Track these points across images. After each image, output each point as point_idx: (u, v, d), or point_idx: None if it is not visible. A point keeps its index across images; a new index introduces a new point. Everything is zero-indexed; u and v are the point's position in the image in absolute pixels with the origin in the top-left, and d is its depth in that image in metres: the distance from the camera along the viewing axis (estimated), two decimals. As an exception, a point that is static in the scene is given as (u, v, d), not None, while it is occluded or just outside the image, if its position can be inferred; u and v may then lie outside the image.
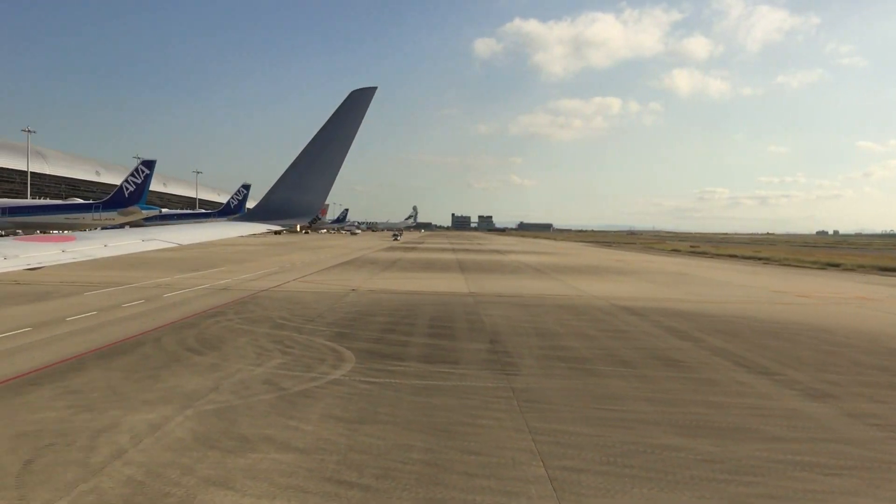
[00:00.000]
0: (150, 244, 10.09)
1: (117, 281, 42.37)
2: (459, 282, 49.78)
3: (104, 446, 12.16)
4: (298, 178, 11.99)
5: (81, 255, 8.81)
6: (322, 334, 24.73)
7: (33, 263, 8.26)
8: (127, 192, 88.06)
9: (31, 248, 8.57)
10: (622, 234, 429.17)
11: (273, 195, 12.44)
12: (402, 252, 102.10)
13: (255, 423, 13.73)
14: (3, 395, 15.47)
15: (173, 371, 18.26)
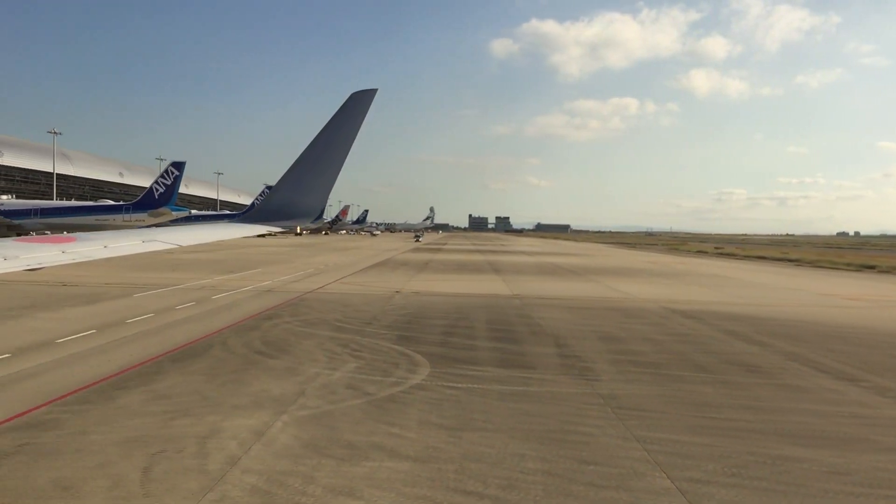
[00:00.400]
0: (151, 245, 10.00)
1: (161, 283, 42.49)
2: (498, 284, 49.47)
3: (215, 453, 12.00)
4: (299, 179, 11.95)
5: (81, 256, 8.77)
6: (385, 337, 24.53)
7: (33, 264, 8.21)
8: (157, 194, 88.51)
9: (31, 248, 8.50)
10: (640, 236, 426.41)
11: (274, 196, 12.40)
12: (429, 254, 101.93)
13: (356, 430, 13.52)
14: (94, 399, 15.39)
15: (253, 375, 18.12)
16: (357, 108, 11.79)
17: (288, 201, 12.02)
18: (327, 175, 11.92)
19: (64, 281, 41.91)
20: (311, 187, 11.91)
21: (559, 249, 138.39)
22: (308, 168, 11.77)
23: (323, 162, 11.78)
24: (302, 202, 11.97)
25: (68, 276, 45.30)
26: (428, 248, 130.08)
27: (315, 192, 11.96)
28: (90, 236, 9.70)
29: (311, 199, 11.98)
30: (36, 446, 12.11)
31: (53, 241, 9.16)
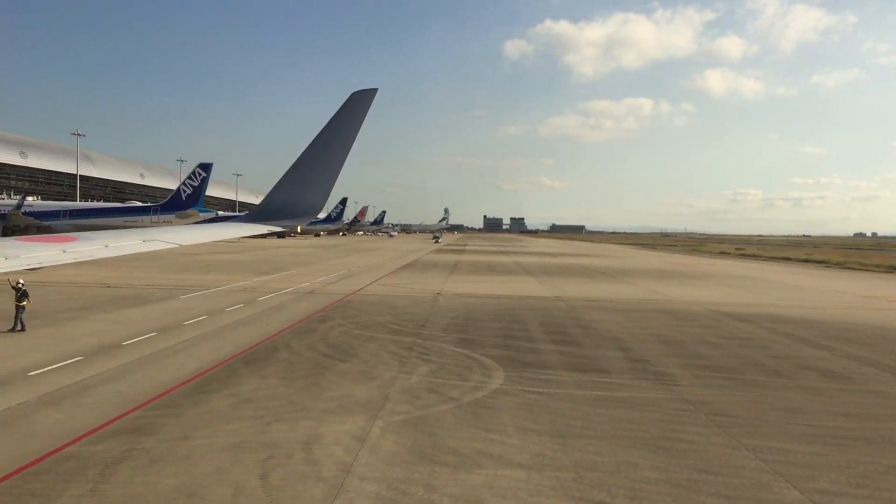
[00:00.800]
0: (151, 245, 9.92)
1: (201, 284, 42.53)
2: (534, 285, 49.16)
3: (325, 459, 11.84)
4: (299, 178, 11.85)
5: (82, 255, 8.70)
6: (445, 340, 24.34)
7: (34, 263, 8.12)
8: (184, 195, 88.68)
9: (31, 248, 8.39)
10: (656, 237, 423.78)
11: (274, 196, 12.31)
12: (453, 255, 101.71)
13: (456, 436, 13.32)
14: (181, 402, 15.30)
15: (329, 379, 17.98)
16: (357, 108, 11.72)
17: (288, 201, 11.96)
18: (327, 175, 11.84)
19: (105, 282, 42.07)
20: (311, 187, 11.82)
21: (579, 251, 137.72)
22: (308, 168, 11.70)
23: (323, 161, 11.72)
24: (302, 202, 11.91)
25: (108, 277, 45.52)
26: (449, 249, 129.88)
27: (315, 191, 11.88)
28: (91, 236, 9.69)
29: (311, 198, 11.90)
30: (142, 452, 12.01)
31: (54, 240, 9.08)
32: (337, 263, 68.95)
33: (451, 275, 57.92)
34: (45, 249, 8.53)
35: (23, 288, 24.19)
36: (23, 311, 24.01)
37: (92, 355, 20.05)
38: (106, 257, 8.95)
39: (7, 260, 7.74)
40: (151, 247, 9.87)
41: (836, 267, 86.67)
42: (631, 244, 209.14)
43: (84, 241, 9.22)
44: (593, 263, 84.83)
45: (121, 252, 9.36)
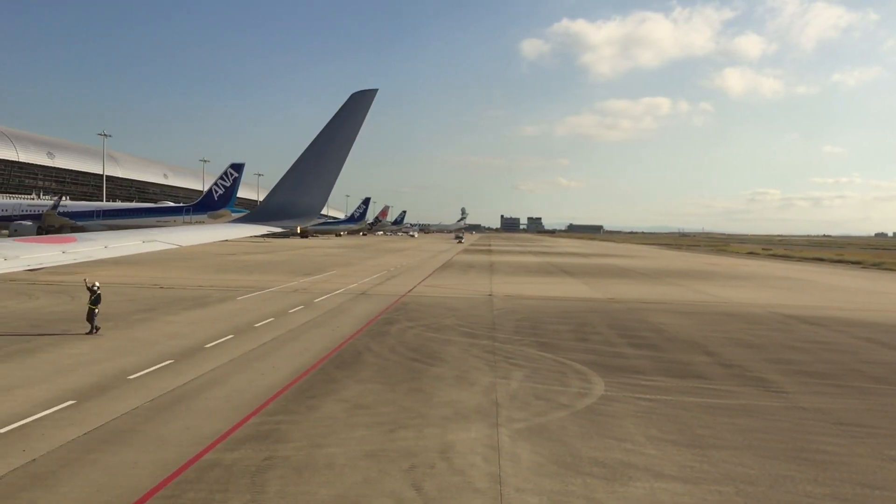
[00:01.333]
0: (151, 245, 9.85)
1: (250, 285, 42.46)
2: (580, 286, 48.68)
3: (470, 469, 11.53)
4: (299, 179, 11.75)
5: (82, 255, 8.67)
6: (523, 343, 24.01)
7: (33, 264, 8.15)
8: (216, 195, 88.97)
9: (31, 248, 8.37)
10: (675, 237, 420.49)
11: (274, 197, 12.21)
12: (482, 255, 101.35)
13: (589, 446, 12.96)
14: (294, 409, 15.06)
15: (429, 384, 17.69)
16: (357, 108, 11.64)
17: (288, 201, 11.88)
18: (327, 175, 11.74)
19: (157, 283, 42.12)
20: (311, 187, 11.76)
21: (605, 251, 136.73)
22: (308, 168, 11.62)
23: (323, 162, 11.63)
24: (302, 202, 11.83)
25: (156, 277, 45.64)
26: (475, 249, 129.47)
27: (315, 192, 11.80)
28: (90, 236, 9.59)
29: (311, 198, 11.83)
30: (282, 460, 11.76)
31: (54, 241, 9.05)
32: (373, 264, 68.81)
33: (491, 276, 57.54)
34: (44, 250, 8.49)
35: (98, 291, 24.10)
36: (96, 314, 23.90)
37: (181, 358, 19.90)
38: (108, 258, 8.91)
39: (6, 261, 7.68)
40: (151, 247, 9.83)
41: (872, 268, 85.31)
42: (653, 244, 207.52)
43: (84, 242, 9.15)
44: (626, 264, 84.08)
45: (120, 253, 9.33)
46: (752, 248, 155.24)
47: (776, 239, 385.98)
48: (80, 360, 19.23)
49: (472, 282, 50.82)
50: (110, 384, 16.64)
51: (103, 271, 49.54)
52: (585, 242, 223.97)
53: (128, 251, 9.49)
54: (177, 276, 47.81)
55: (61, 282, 41.49)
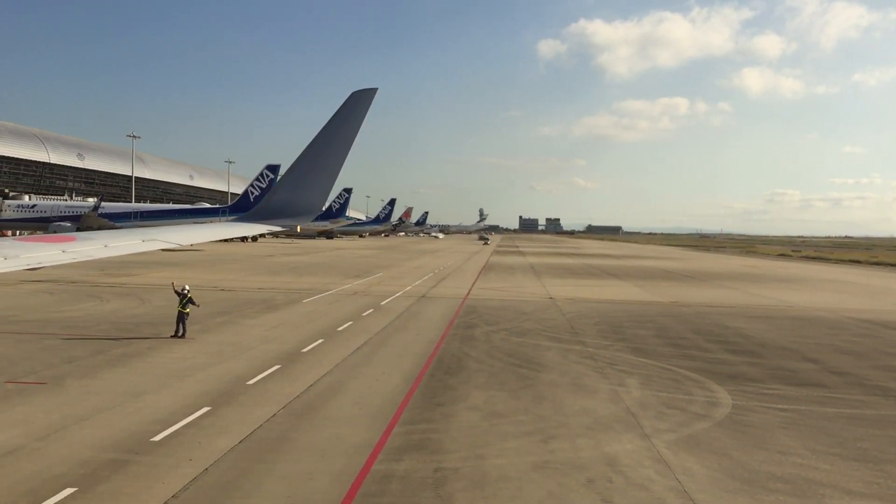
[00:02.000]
0: (151, 245, 9.77)
1: (308, 287, 42.39)
2: (634, 289, 48.16)
3: (650, 484, 11.18)
4: (299, 178, 11.68)
5: (81, 255, 8.62)
6: (615, 349, 23.63)
7: (33, 263, 8.08)
8: (252, 197, 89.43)
9: (31, 248, 8.29)
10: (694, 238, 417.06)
11: (274, 196, 12.13)
12: (517, 257, 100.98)
13: (757, 459, 12.55)
14: (432, 416, 14.78)
15: (548, 391, 17.35)
16: (357, 108, 11.52)
17: (288, 200, 11.78)
18: (327, 174, 11.64)
19: (214, 285, 42.14)
20: (311, 186, 11.65)
21: (633, 252, 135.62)
22: (308, 167, 11.52)
23: (323, 161, 11.53)
24: (302, 201, 11.72)
25: (212, 279, 45.71)
26: (506, 251, 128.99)
27: (315, 191, 11.69)
28: (90, 235, 9.52)
29: (310, 198, 11.71)
30: (453, 472, 11.48)
31: (53, 240, 8.97)
32: (414, 266, 68.67)
33: (539, 278, 57.12)
34: (44, 249, 8.44)
35: (189, 294, 23.98)
36: (187, 318, 23.78)
37: (287, 363, 19.71)
38: (106, 257, 8.85)
39: (6, 260, 7.60)
40: (151, 247, 9.76)
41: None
42: (677, 245, 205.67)
43: (83, 241, 9.09)
44: (664, 265, 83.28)
45: (120, 252, 9.28)
46: (781, 250, 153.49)
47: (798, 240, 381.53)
48: (189, 365, 19.09)
49: (523, 284, 50.45)
50: (234, 390, 16.47)
51: (155, 273, 49.79)
52: (609, 244, 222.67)
53: (128, 250, 9.47)
54: (230, 277, 47.88)
55: (122, 284, 41.63)
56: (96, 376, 17.56)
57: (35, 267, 8.32)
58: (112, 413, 14.23)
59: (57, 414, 14.02)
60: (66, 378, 17.16)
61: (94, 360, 19.35)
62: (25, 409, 14.32)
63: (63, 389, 16.07)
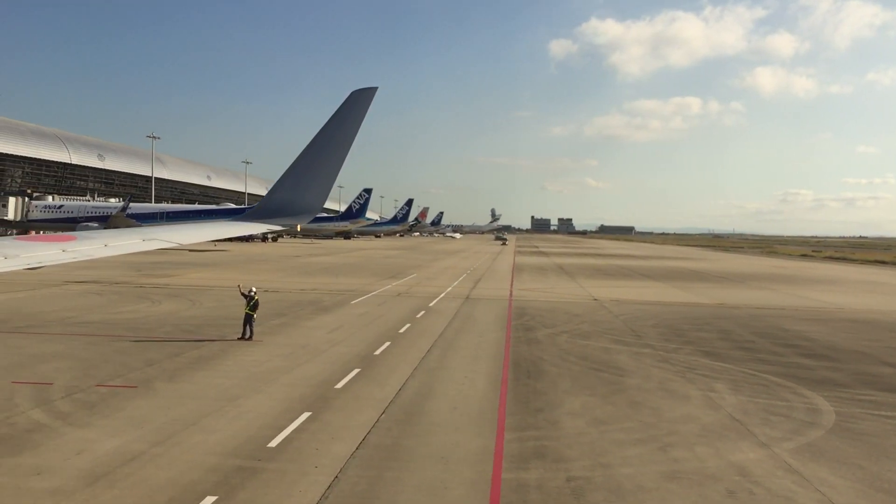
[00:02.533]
0: (151, 244, 9.77)
1: (348, 288, 42.25)
2: (676, 290, 47.68)
3: (795, 496, 10.85)
4: (298, 178, 11.64)
5: (82, 254, 8.62)
6: (685, 352, 23.27)
7: (33, 263, 8.06)
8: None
9: (31, 247, 8.26)
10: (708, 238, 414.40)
11: (273, 195, 12.10)
12: (542, 257, 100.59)
13: (892, 469, 12.19)
14: (538, 424, 14.50)
15: (639, 397, 17.02)
16: (357, 107, 11.48)
17: (288, 200, 11.76)
18: (326, 174, 11.59)
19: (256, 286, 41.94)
20: (310, 186, 11.62)
21: (654, 253, 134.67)
22: (308, 167, 11.47)
23: (322, 160, 11.48)
24: (301, 201, 11.71)
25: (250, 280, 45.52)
26: (527, 251, 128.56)
27: (314, 190, 11.66)
28: (90, 234, 9.51)
29: (310, 197, 11.69)
30: (586, 481, 11.19)
31: (54, 239, 8.95)
32: (444, 267, 68.49)
33: (574, 279, 56.73)
34: (44, 249, 8.40)
35: (255, 297, 23.83)
36: (254, 320, 23.64)
37: (365, 367, 19.48)
38: (106, 256, 8.77)
39: (6, 259, 7.55)
40: (151, 246, 9.76)
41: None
42: (694, 246, 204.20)
43: (84, 241, 9.05)
44: (691, 266, 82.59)
45: (121, 251, 9.26)
46: (801, 251, 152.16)
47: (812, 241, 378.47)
48: (269, 368, 18.91)
49: (560, 285, 50.11)
50: (326, 394, 16.26)
51: (192, 273, 49.82)
52: (626, 244, 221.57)
53: (127, 249, 9.46)
54: (267, 278, 47.74)
55: (165, 284, 41.61)
56: (182, 379, 17.41)
57: (35, 266, 8.28)
58: (217, 418, 14.04)
59: (162, 418, 13.85)
60: (153, 381, 17.01)
61: (172, 363, 19.20)
62: (128, 414, 14.16)
63: (155, 393, 15.91)
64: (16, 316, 26.95)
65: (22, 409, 14.32)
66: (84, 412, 14.22)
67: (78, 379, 16.99)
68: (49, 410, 14.27)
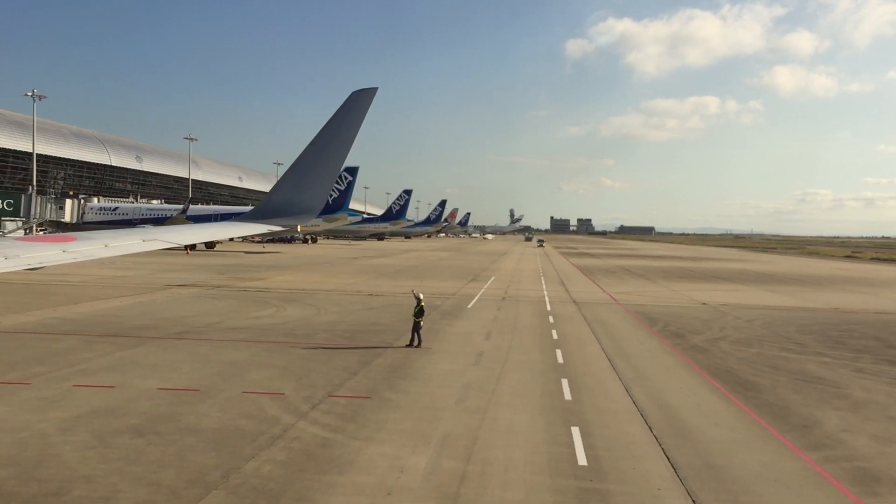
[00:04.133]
0: (151, 245, 9.79)
1: (443, 291, 41.80)
2: (773, 294, 46.80)
3: None
4: (299, 178, 11.60)
5: (82, 255, 8.59)
6: (868, 361, 22.53)
7: (34, 263, 8.06)
8: (331, 199, 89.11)
9: (31, 248, 8.22)
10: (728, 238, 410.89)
11: (273, 195, 12.09)
12: (594, 259, 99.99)
13: None
14: (834, 443, 13.87)
15: (806, 406, 16.35)
16: (357, 107, 11.41)
17: (288, 200, 11.65)
18: (326, 174, 11.60)
19: (348, 289, 41.69)
20: (310, 186, 11.56)
21: (692, 254, 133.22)
22: (308, 167, 11.42)
23: (322, 161, 11.43)
24: (301, 201, 11.60)
25: (338, 283, 45.26)
26: (571, 252, 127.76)
27: (314, 190, 11.59)
28: (91, 235, 9.54)
29: (309, 198, 11.60)
30: None
31: (54, 240, 8.94)
32: (512, 268, 68.35)
33: (655, 281, 55.98)
34: (45, 249, 8.38)
35: (422, 303, 23.32)
36: (421, 327, 23.12)
37: (564, 374, 18.91)
38: (106, 257, 8.86)
39: (7, 260, 7.54)
40: (151, 246, 9.80)
41: None
42: (724, 247, 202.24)
43: (84, 241, 9.03)
44: (750, 268, 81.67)
45: (121, 252, 9.29)
46: (841, 252, 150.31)
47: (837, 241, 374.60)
48: (474, 377, 18.43)
49: (649, 288, 49.45)
50: (565, 406, 15.72)
51: (279, 276, 49.51)
52: (654, 244, 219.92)
53: (128, 250, 9.45)
54: (352, 281, 47.30)
55: (265, 288, 41.27)
56: (401, 389, 16.94)
57: (35, 267, 8.21)
58: (489, 432, 13.51)
59: (434, 431, 13.41)
60: (379, 392, 16.54)
61: (371, 372, 18.75)
62: (397, 427, 13.64)
63: (395, 404, 15.44)
64: (162, 322, 26.63)
65: (285, 421, 13.87)
66: (351, 425, 13.77)
67: (303, 389, 16.54)
68: (315, 422, 13.83)
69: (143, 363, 18.94)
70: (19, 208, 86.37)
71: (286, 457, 11.75)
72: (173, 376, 17.49)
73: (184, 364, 18.97)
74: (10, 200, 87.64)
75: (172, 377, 17.40)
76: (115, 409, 14.39)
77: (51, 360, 18.93)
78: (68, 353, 19.89)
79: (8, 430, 12.81)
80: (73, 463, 11.18)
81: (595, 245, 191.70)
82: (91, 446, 11.97)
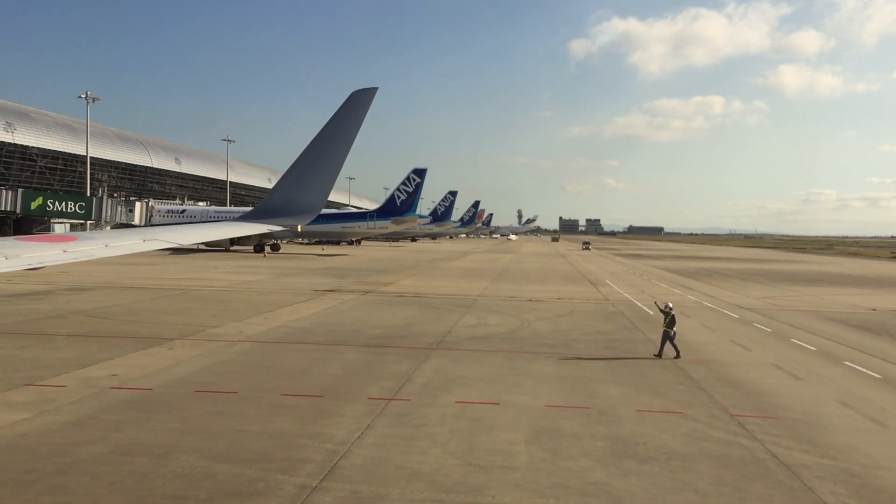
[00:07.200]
0: (151, 244, 9.88)
1: (560, 296, 42.23)
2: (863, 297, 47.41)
3: None
4: (299, 178, 11.73)
5: (83, 255, 8.68)
6: None
7: (34, 263, 8.12)
8: (398, 201, 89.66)
9: (32, 247, 8.31)
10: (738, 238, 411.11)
11: (274, 195, 12.15)
12: (650, 261, 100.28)
13: None
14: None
15: None
16: (357, 107, 11.53)
17: (288, 200, 11.79)
18: (327, 174, 11.71)
19: (469, 292, 42.16)
20: (310, 186, 11.65)
21: (723, 254, 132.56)
22: (308, 167, 11.50)
23: (323, 161, 11.48)
24: (301, 201, 11.74)
25: (441, 286, 45.68)
26: (615, 253, 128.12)
27: (314, 191, 11.68)
28: (92, 235, 9.59)
29: (310, 198, 11.73)
30: None
31: (55, 239, 9.00)
32: (606, 270, 68.54)
33: (772, 286, 56.29)
34: (45, 249, 8.42)
35: (672, 312, 23.40)
36: (674, 337, 23.24)
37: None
38: (106, 256, 8.90)
39: (7, 260, 7.58)
40: (151, 246, 9.89)
41: None
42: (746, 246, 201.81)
43: (85, 241, 9.14)
44: (823, 269, 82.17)
45: (121, 252, 9.34)
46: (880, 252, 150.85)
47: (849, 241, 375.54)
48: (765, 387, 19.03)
49: (767, 292, 49.31)
50: None
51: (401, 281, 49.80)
52: (674, 245, 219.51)
53: (128, 250, 9.54)
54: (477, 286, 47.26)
55: (402, 293, 41.54)
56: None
57: (36, 267, 8.28)
58: None
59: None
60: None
61: (702, 382, 19.36)
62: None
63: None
64: (394, 330, 27.03)
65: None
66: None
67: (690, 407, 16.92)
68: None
69: (470, 376, 19.19)
70: (90, 211, 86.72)
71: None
72: (546, 392, 17.59)
73: (525, 379, 19.07)
74: (83, 203, 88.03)
75: (548, 393, 17.49)
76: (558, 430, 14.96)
77: (381, 375, 19.10)
78: (377, 366, 19.82)
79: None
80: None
81: (624, 245, 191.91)
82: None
